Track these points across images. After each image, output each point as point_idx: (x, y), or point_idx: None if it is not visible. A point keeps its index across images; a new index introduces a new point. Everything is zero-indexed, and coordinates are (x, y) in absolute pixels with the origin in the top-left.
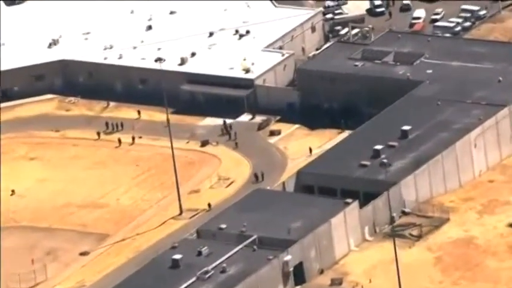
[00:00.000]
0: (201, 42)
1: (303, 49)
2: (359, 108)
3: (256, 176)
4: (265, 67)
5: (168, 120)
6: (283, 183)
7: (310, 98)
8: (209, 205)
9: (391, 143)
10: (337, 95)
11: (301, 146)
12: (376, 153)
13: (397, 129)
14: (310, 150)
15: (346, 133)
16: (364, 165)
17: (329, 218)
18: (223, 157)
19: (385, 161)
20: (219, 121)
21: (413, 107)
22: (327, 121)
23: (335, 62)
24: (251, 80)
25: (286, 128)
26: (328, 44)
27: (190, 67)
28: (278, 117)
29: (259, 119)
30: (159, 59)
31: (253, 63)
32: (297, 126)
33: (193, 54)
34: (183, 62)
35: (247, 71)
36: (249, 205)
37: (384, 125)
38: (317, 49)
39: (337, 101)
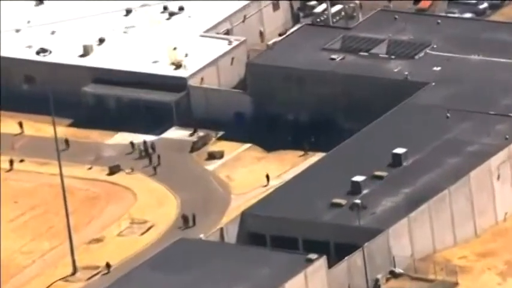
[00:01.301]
0: (113, 24)
1: (261, 34)
2: (335, 121)
3: (185, 218)
4: (204, 60)
5: (56, 138)
6: (222, 229)
7: (267, 106)
8: (108, 265)
9: (377, 173)
10: (306, 101)
11: (252, 174)
12: (356, 188)
13: (387, 153)
14: (268, 179)
15: (315, 157)
16: (338, 205)
17: (284, 282)
18: (140, 191)
19: (357, 201)
20: (135, 138)
21: (411, 120)
22: (289, 139)
23: (304, 55)
24: (183, 79)
25: (232, 149)
26: (296, 28)
27: (97, 60)
28: (220, 133)
29: (194, 135)
30: (42, 50)
31: (186, 55)
32: (247, 146)
33: (101, 41)
34: (86, 52)
35: (178, 65)
36: (170, 262)
37: (369, 147)
38: (280, 34)
39: (305, 111)
